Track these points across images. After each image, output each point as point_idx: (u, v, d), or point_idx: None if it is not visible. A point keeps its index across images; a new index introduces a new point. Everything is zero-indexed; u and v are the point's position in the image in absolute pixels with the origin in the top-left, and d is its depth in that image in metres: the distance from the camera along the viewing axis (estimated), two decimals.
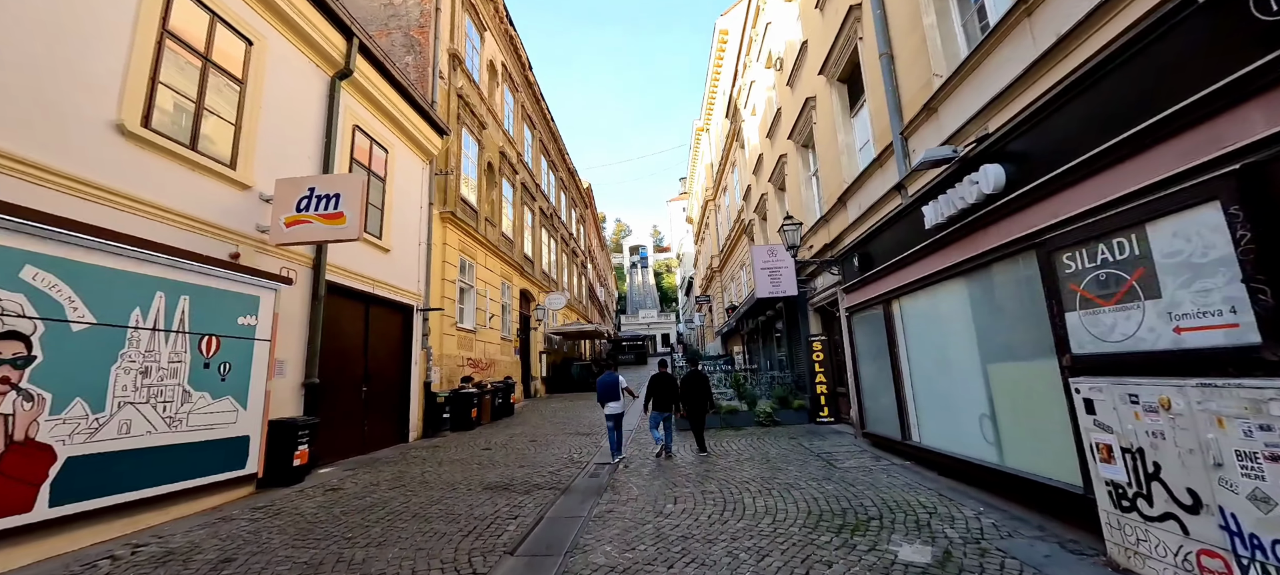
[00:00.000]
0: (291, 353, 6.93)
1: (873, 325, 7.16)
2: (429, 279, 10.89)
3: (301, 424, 6.41)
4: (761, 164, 14.96)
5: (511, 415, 13.37)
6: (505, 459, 7.74)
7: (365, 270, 8.71)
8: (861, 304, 7.33)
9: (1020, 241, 3.92)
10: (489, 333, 14.25)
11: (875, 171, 6.96)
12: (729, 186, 22.59)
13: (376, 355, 9.07)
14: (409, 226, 10.39)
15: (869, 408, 7.42)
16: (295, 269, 7.09)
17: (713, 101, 25.32)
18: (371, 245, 8.92)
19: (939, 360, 5.47)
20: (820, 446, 7.60)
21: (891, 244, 6.32)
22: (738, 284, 21.68)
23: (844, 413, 9.72)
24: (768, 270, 10.12)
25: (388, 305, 9.48)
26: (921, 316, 5.79)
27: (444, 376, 11.39)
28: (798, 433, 9.11)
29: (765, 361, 15.20)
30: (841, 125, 8.29)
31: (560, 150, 25.85)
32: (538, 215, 20.87)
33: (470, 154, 13.91)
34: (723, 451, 7.74)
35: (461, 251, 12.76)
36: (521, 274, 17.78)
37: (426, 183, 11.17)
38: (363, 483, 6.40)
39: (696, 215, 36.01)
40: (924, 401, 5.84)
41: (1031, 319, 3.99)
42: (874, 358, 7.22)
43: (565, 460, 7.56)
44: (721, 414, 10.21)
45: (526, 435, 10.11)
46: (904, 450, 6.22)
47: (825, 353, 10.08)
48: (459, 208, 12.65)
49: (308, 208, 6.48)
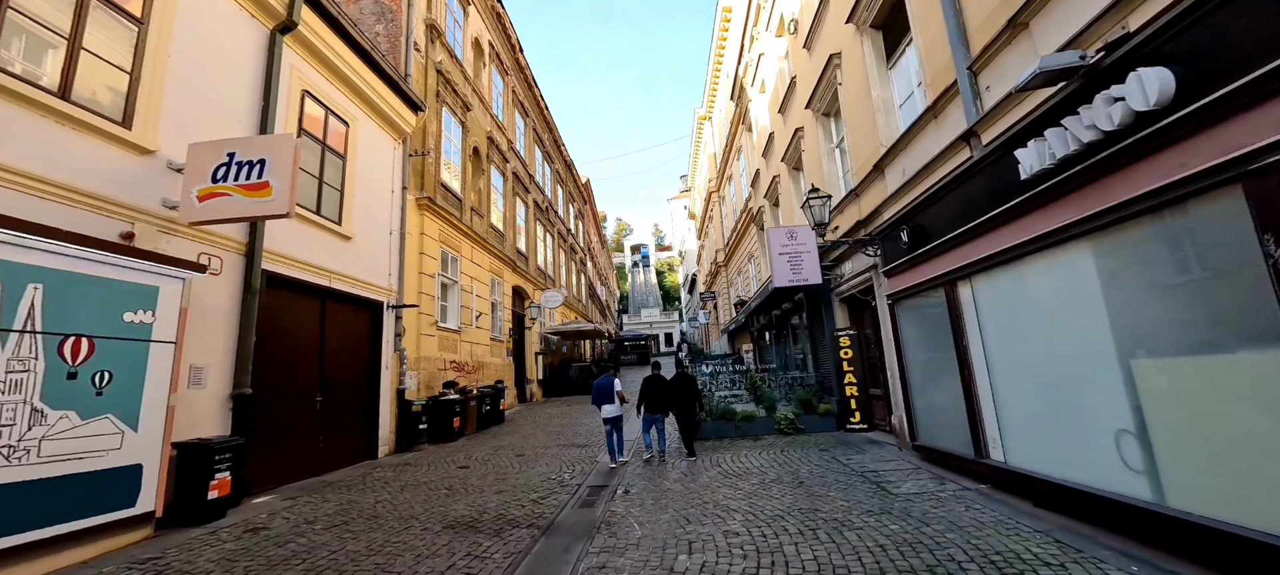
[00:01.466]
0: (215, 357, 5.67)
1: (927, 314, 5.86)
2: (403, 272, 9.62)
3: (220, 446, 5.13)
4: (772, 144, 13.65)
5: (501, 423, 12.10)
6: (482, 481, 6.46)
7: (320, 260, 7.44)
8: (910, 288, 6.02)
9: (1210, 173, 2.61)
10: (476, 333, 12.98)
11: (927, 124, 5.66)
12: (734, 175, 21.29)
13: (336, 359, 7.81)
14: (377, 212, 9.12)
15: (921, 415, 6.11)
16: (221, 256, 5.83)
17: (716, 86, 24.01)
18: (328, 231, 7.66)
19: (1040, 355, 4.14)
20: (860, 462, 6.30)
21: (956, 210, 5.01)
22: (746, 277, 20.37)
23: (879, 419, 8.41)
24: (786, 255, 8.82)
25: (350, 301, 8.22)
26: (1008, 298, 4.48)
27: (422, 382, 10.13)
28: (827, 443, 7.81)
29: (779, 360, 13.88)
30: (876, 79, 6.98)
31: (556, 141, 24.59)
32: (532, 208, 19.61)
33: (453, 137, 12.66)
34: (742, 469, 6.45)
35: (443, 243, 11.49)
36: (514, 269, 16.52)
37: (399, 164, 9.91)
38: (298, 518, 5.13)
39: (699, 210, 34.73)
40: (1011, 409, 4.53)
41: (1228, 291, 2.70)
42: (928, 353, 5.92)
43: (553, 482, 6.27)
44: (736, 421, 8.92)
45: (514, 448, 8.83)
46: (977, 471, 4.91)
47: (855, 349, 8.77)
48: (439, 194, 11.39)
49: (226, 177, 5.21)
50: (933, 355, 5.79)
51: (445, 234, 11.61)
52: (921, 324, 6.02)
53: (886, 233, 6.53)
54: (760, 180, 15.55)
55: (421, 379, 10.11)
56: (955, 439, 5.28)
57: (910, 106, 6.44)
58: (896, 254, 6.29)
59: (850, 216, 8.13)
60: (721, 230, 25.77)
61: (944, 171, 5.27)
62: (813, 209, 7.14)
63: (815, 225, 7.20)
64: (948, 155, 5.20)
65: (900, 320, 6.38)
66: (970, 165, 4.68)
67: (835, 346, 9.02)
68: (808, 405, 9.00)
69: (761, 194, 15.33)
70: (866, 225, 7.43)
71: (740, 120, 18.54)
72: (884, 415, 8.23)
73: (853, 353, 8.80)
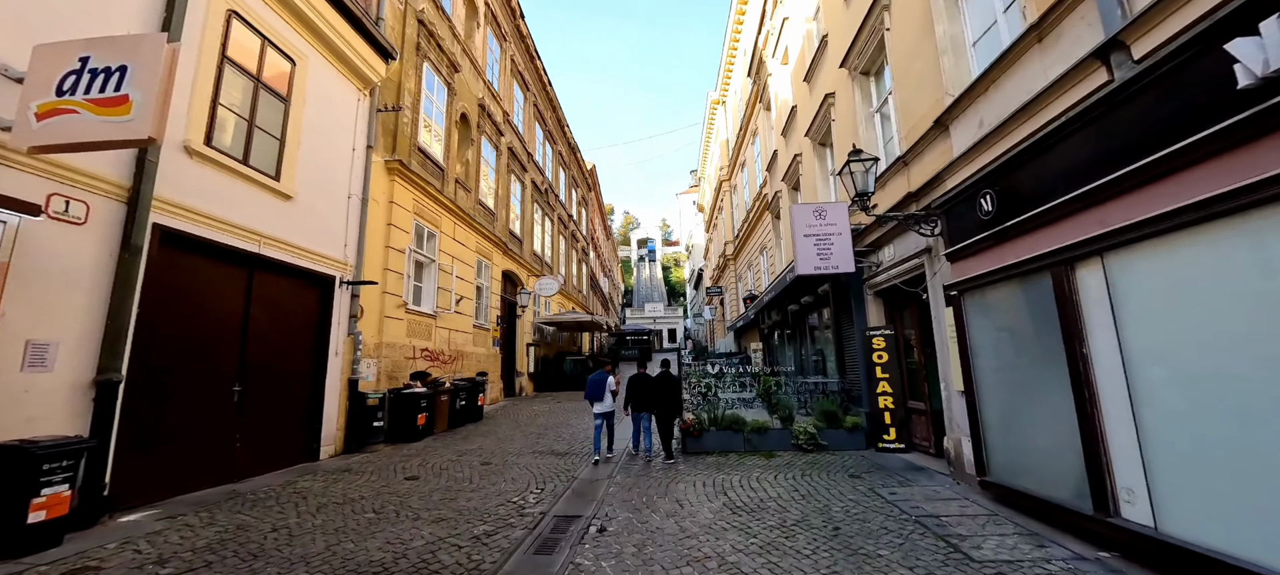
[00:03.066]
0: (71, 332, 4.33)
1: (1015, 307, 4.39)
2: (363, 244, 8.27)
3: (51, 451, 3.79)
4: (794, 120, 12.15)
5: (479, 420, 10.77)
6: (424, 501, 5.10)
7: (247, 220, 6.10)
8: (990, 275, 4.55)
9: None
10: (456, 318, 11.63)
11: (1026, 50, 4.17)
12: (748, 160, 19.78)
13: (267, 342, 6.47)
14: (333, 172, 7.77)
15: (997, 443, 4.64)
16: (86, 201, 4.48)
17: (731, 65, 22.46)
18: (260, 186, 6.31)
19: (1229, 373, 2.70)
20: (909, 500, 4.86)
21: (1078, 161, 3.55)
22: (756, 271, 18.90)
23: (920, 439, 6.96)
24: (813, 238, 7.36)
25: (290, 273, 6.88)
26: (1173, 285, 3.00)
27: (384, 372, 8.80)
28: (857, 466, 6.37)
29: (793, 363, 12.40)
30: (941, 11, 5.50)
31: (559, 121, 23.17)
32: (530, 188, 18.22)
33: (436, 99, 11.28)
34: (755, 500, 5.04)
35: (418, 215, 10.13)
36: (505, 252, 15.16)
37: (364, 118, 8.54)
38: (156, 552, 3.78)
39: (709, 201, 33.20)
40: (1166, 451, 3.06)
41: None
42: (1013, 361, 4.46)
43: (512, 508, 4.90)
44: (745, 432, 7.50)
45: (482, 454, 7.48)
46: (1098, 533, 3.44)
47: (891, 353, 7.32)
48: (415, 159, 10.03)
49: (75, 89, 3.86)
50: (1020, 364, 4.33)
51: (422, 205, 10.24)
52: (1003, 322, 4.55)
53: (954, 203, 5.05)
54: (778, 162, 14.06)
55: (383, 368, 8.77)
56: (1059, 483, 3.83)
57: (990, 42, 4.95)
58: (968, 229, 4.82)
59: (895, 191, 6.65)
60: (731, 222, 24.27)
61: (1054, 111, 3.80)
62: (854, 175, 5.67)
63: (856, 197, 5.73)
64: (1062, 88, 3.72)
65: (970, 317, 4.91)
66: (1111, 93, 3.21)
67: (867, 349, 7.57)
68: (831, 417, 7.56)
69: (779, 177, 13.84)
70: (919, 199, 5.95)
71: (757, 99, 17.02)
72: (927, 435, 6.79)
73: (888, 357, 7.35)
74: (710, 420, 7.65)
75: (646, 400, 7.17)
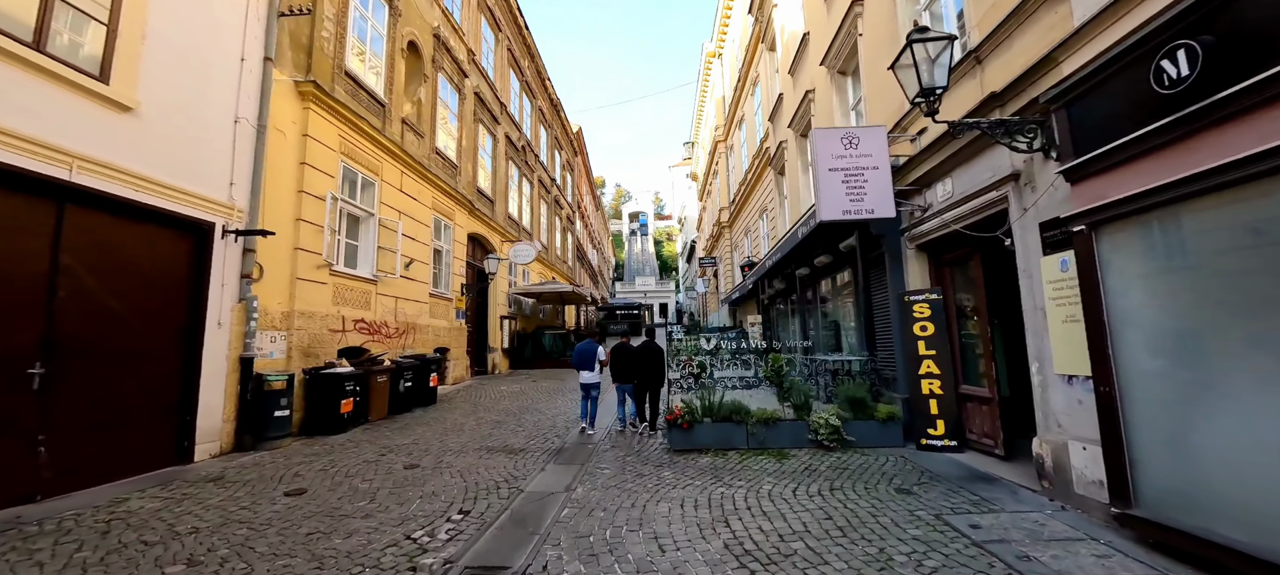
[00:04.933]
0: None
1: (1221, 245, 2.70)
2: (260, 185, 6.41)
3: None
4: (805, 49, 10.25)
5: (431, 404, 9.09)
6: (280, 540, 3.41)
7: (49, 134, 4.26)
8: (1167, 189, 2.81)
9: None
10: (406, 285, 9.84)
11: None
12: (746, 115, 17.83)
13: (93, 304, 4.68)
14: (207, 84, 5.86)
15: (1158, 463, 2.96)
16: None
17: (728, 12, 20.27)
18: (72, 86, 4.43)
19: None
20: (1006, 538, 3.25)
21: None
22: (754, 238, 17.17)
23: (979, 433, 5.35)
24: (841, 173, 5.61)
25: (135, 215, 5.04)
26: None
27: (299, 347, 7.03)
28: (902, 473, 4.76)
29: (798, 336, 10.77)
30: None
31: (539, 73, 20.94)
32: (503, 143, 16.20)
33: (373, 17, 9.23)
34: (774, 541, 3.41)
35: (348, 156, 8.23)
36: (471, 212, 13.27)
37: (259, 18, 6.58)
38: None
39: (703, 167, 31.20)
40: None
41: None
42: (1208, 339, 2.78)
43: (404, 555, 3.21)
44: (749, 426, 5.86)
45: (412, 451, 5.81)
46: None
47: (937, 323, 5.67)
48: (341, 85, 8.06)
49: None
50: (1223, 342, 2.65)
51: (353, 145, 8.33)
52: (1189, 271, 2.85)
53: (1087, 87, 3.27)
54: (783, 107, 12.18)
55: (297, 343, 7.00)
56: None
57: None
58: (1117, 123, 3.07)
59: (964, 100, 4.84)
60: (727, 187, 22.40)
61: None
62: (918, 64, 3.87)
63: (919, 95, 3.94)
64: None
65: (1111, 265, 3.19)
66: None
67: (905, 318, 5.91)
68: (859, 405, 5.92)
69: (784, 123, 11.98)
70: (1004, 103, 4.19)
71: (759, 39, 15.00)
72: (989, 429, 5.18)
73: (934, 328, 5.70)
74: (704, 409, 5.99)
75: (628, 370, 6.78)
